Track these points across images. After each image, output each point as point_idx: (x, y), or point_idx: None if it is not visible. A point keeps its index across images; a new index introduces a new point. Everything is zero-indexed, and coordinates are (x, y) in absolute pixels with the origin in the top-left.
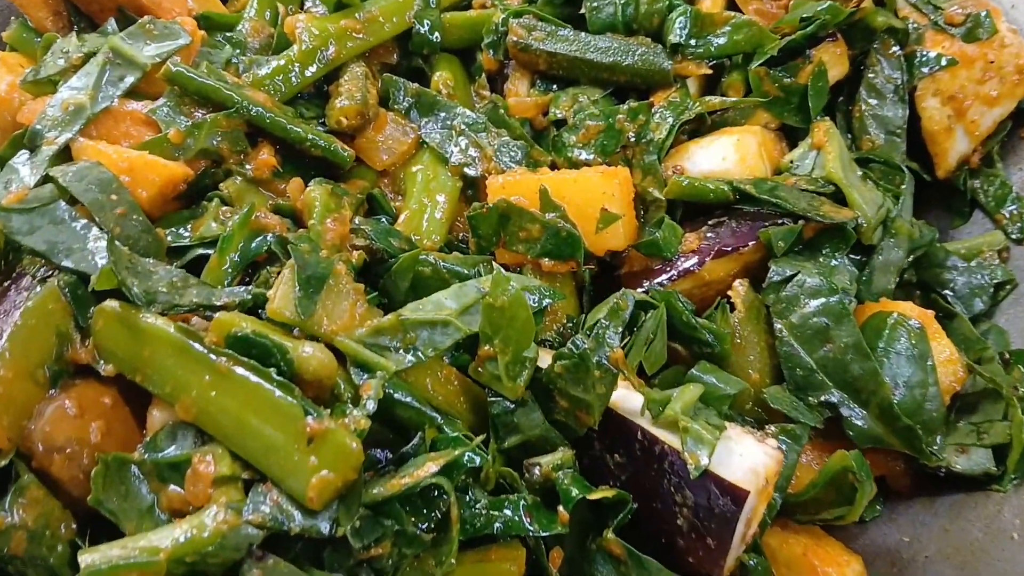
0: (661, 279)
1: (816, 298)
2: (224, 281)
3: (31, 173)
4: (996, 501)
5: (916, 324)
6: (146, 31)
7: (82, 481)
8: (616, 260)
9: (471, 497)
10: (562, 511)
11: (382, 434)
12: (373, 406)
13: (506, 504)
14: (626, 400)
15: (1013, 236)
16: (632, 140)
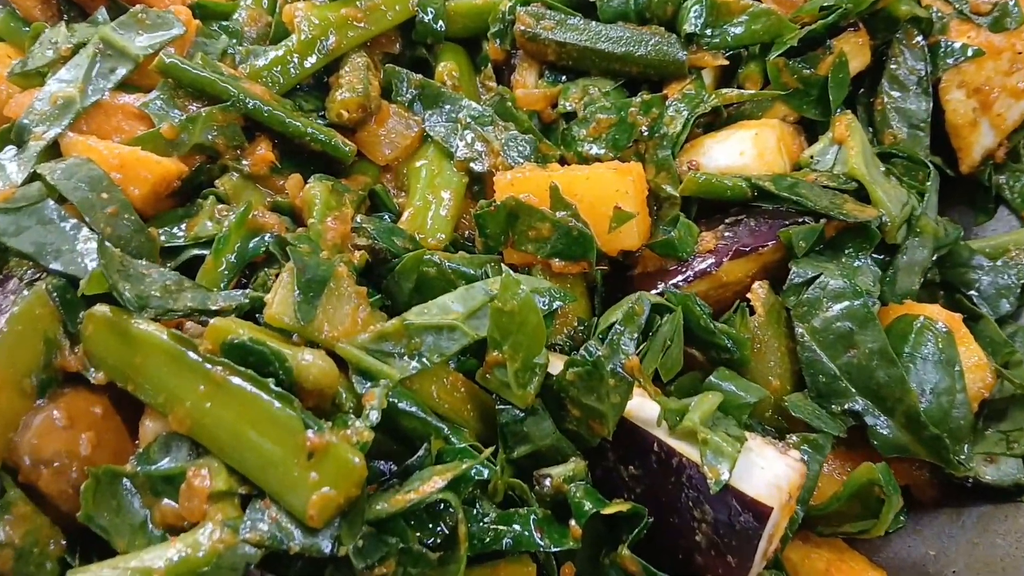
0: (676, 280)
1: (839, 301)
2: (220, 284)
3: (18, 170)
4: None
5: (943, 328)
6: (138, 20)
7: (71, 496)
8: (629, 260)
9: (479, 510)
10: (574, 525)
11: (386, 445)
12: (376, 417)
13: (516, 518)
14: (641, 409)
15: None
16: (645, 134)
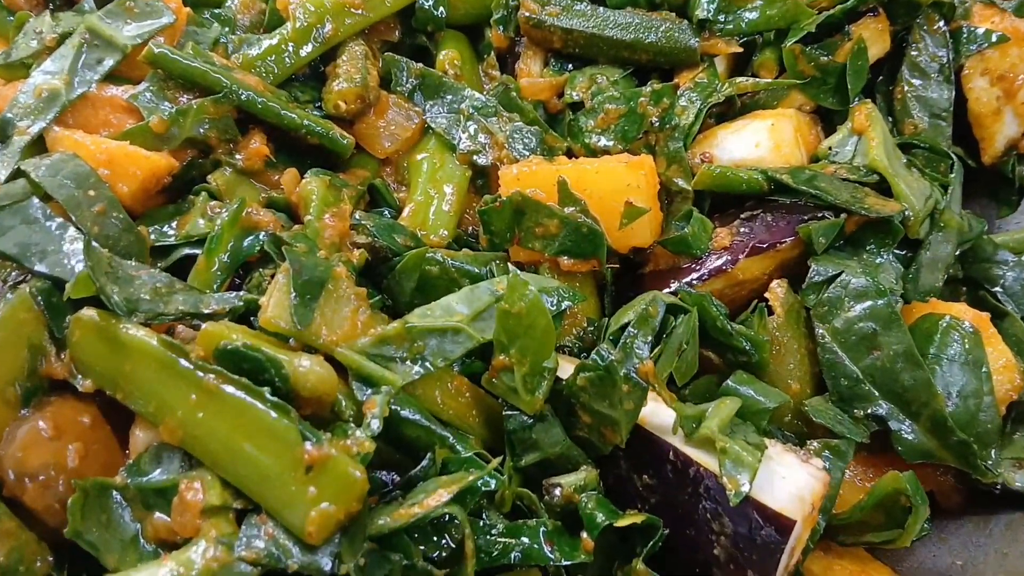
0: (690, 279)
1: (862, 300)
2: (213, 285)
3: (1, 166)
4: None
5: (970, 328)
6: (126, 9)
7: (59, 511)
8: (640, 257)
9: (485, 522)
10: (586, 538)
11: (387, 454)
12: (378, 426)
13: (524, 530)
14: (655, 415)
15: None
16: (655, 125)
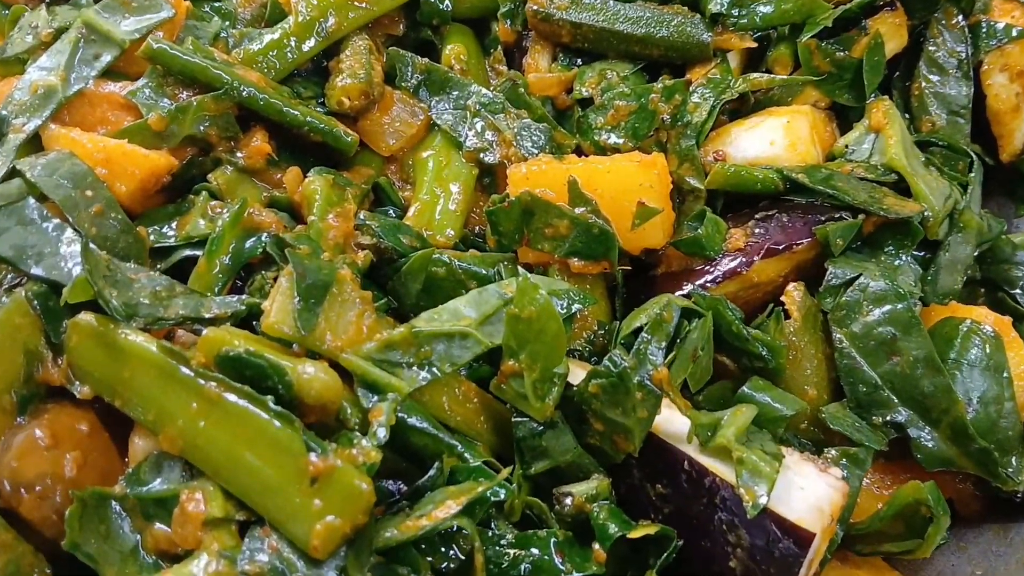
0: (704, 281)
1: (881, 305)
2: (214, 288)
3: None
4: None
5: (991, 332)
6: (124, 3)
7: (56, 522)
8: (651, 259)
9: (494, 531)
10: (598, 549)
11: (394, 463)
12: (384, 435)
13: (534, 541)
14: (669, 423)
15: None
16: (667, 122)
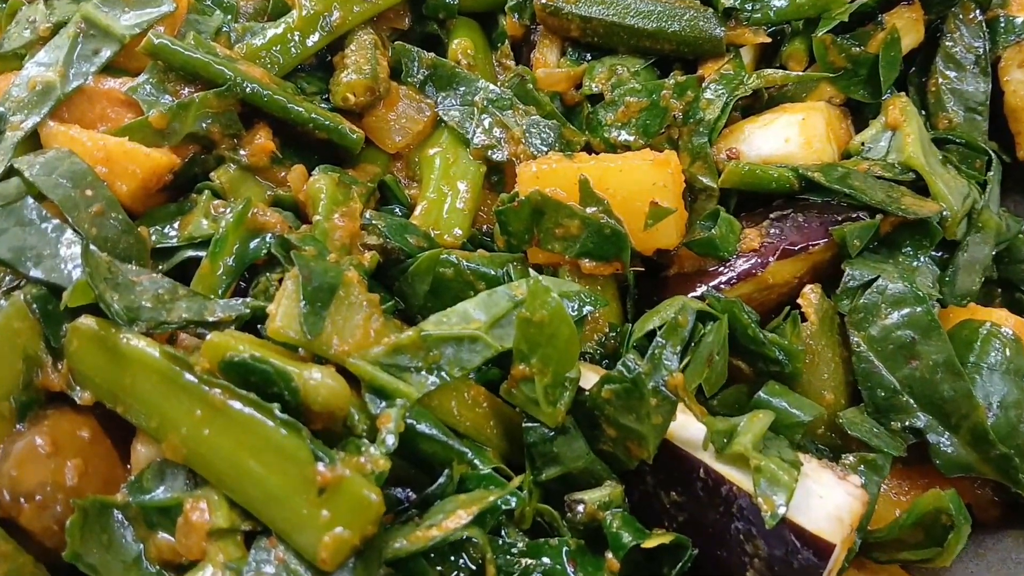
0: (718, 282)
1: (900, 308)
2: (218, 289)
3: None
4: None
5: (1011, 335)
6: None
7: (57, 531)
8: (664, 259)
9: (505, 540)
10: (611, 558)
11: (403, 470)
12: (393, 442)
13: (546, 549)
14: (684, 429)
15: None
16: (678, 119)
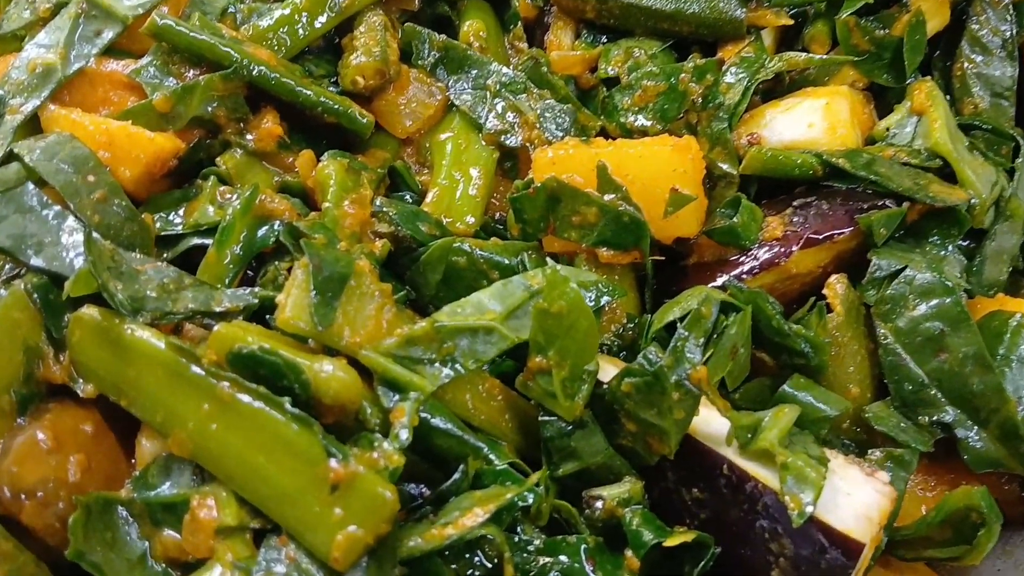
0: (739, 272)
1: (928, 299)
2: (225, 279)
3: None
4: None
5: None
6: None
7: (59, 530)
8: (683, 248)
9: (521, 537)
10: (631, 556)
11: (416, 465)
12: (407, 437)
13: (564, 547)
14: (707, 424)
15: None
16: (697, 104)
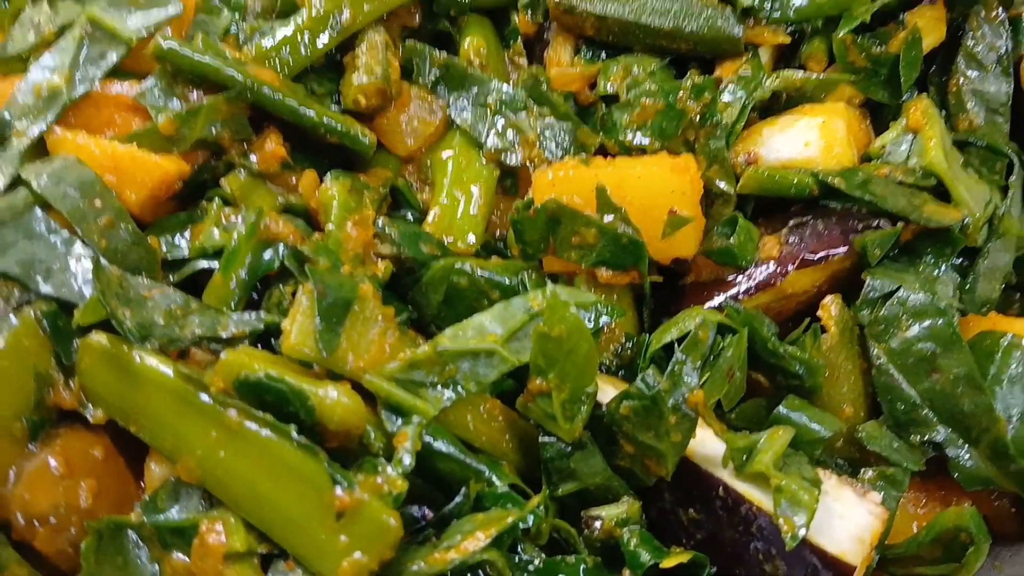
0: (736, 292)
1: (921, 319)
2: (231, 302)
3: (0, 172)
4: None
5: None
6: None
7: (71, 555)
8: (680, 267)
9: (521, 557)
10: None
11: (419, 488)
12: (410, 461)
13: (563, 567)
14: (703, 445)
15: None
16: (695, 121)
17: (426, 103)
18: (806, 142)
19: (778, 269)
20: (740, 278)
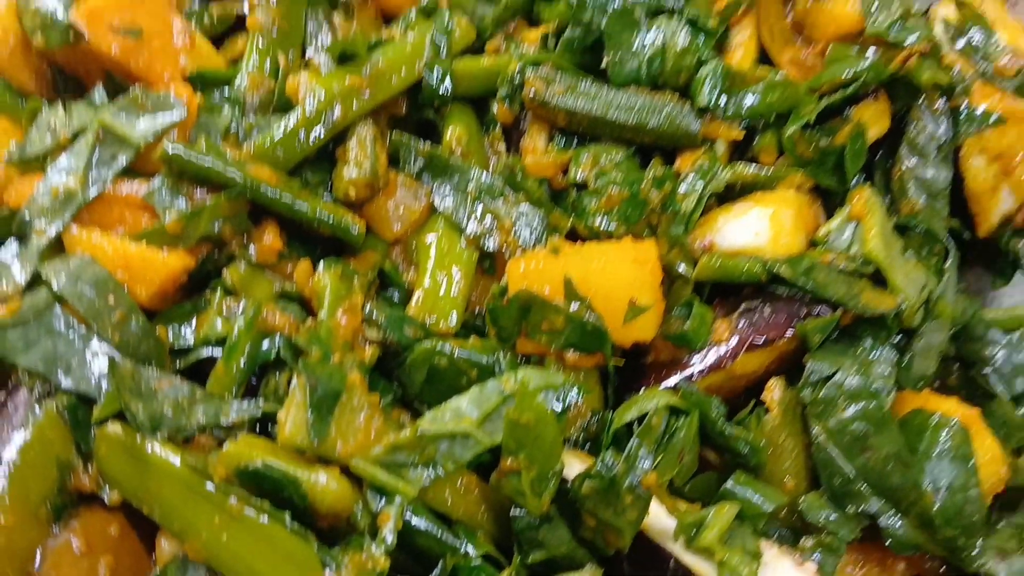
0: (690, 373)
1: (856, 401)
2: (232, 388)
3: (21, 270)
4: None
5: (959, 425)
6: (137, 104)
7: None
8: (642, 347)
9: None
10: None
11: (399, 560)
12: (392, 540)
13: None
14: (657, 520)
15: None
16: (658, 209)
17: (411, 190)
18: (756, 232)
19: (728, 352)
20: (695, 359)
